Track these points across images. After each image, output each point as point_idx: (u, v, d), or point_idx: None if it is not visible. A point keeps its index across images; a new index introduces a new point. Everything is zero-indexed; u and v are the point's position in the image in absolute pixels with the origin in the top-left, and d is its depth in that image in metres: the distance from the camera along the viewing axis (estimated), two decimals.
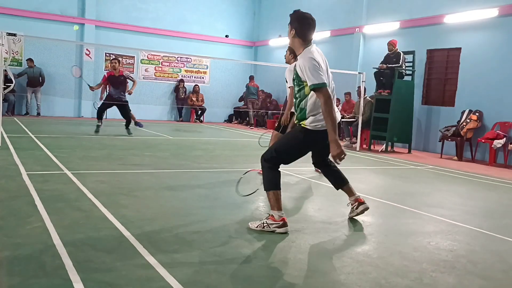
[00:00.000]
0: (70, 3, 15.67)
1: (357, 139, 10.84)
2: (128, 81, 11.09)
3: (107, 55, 16.49)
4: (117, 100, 10.77)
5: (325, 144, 3.56)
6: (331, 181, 4.35)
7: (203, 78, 18.38)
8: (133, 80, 11.14)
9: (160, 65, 17.49)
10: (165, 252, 3.00)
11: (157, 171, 6.10)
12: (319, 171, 6.76)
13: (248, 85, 17.40)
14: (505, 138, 9.21)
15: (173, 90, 17.59)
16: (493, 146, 9.18)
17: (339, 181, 4.26)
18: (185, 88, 17.51)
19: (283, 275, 2.74)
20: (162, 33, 17.02)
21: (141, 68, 17.16)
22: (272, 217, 3.62)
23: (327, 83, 3.51)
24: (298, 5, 18.70)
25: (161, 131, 12.46)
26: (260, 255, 3.07)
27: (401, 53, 10.54)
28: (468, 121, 9.90)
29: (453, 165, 8.82)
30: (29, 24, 14.57)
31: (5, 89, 7.97)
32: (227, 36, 18.56)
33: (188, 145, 9.79)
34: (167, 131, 12.49)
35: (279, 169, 3.70)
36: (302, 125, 3.71)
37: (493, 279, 2.94)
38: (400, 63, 10.42)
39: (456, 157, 9.97)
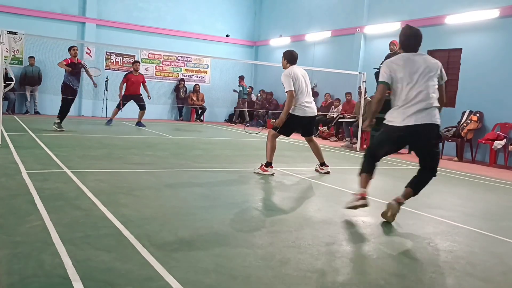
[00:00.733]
0: (71, 1, 15.67)
1: (357, 140, 10.84)
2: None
3: (108, 54, 16.49)
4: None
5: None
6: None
7: (203, 77, 18.39)
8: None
9: (160, 65, 17.49)
10: (164, 251, 3.00)
11: (157, 171, 6.10)
12: (319, 171, 6.77)
13: (240, 85, 17.47)
14: (505, 139, 9.21)
15: (174, 89, 17.59)
16: (493, 147, 9.18)
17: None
18: (186, 87, 17.52)
19: (282, 275, 2.74)
20: (163, 33, 17.02)
21: (142, 67, 17.14)
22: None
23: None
24: (299, 6, 18.81)
25: (161, 130, 12.45)
26: (259, 255, 3.07)
27: None
28: (468, 122, 9.90)
29: (453, 166, 8.82)
30: (30, 22, 14.57)
31: (5, 87, 7.97)
32: (227, 35, 18.55)
33: (188, 144, 9.79)
34: (167, 131, 12.49)
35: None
36: None
37: (492, 281, 2.94)
38: None
39: (456, 158, 9.96)
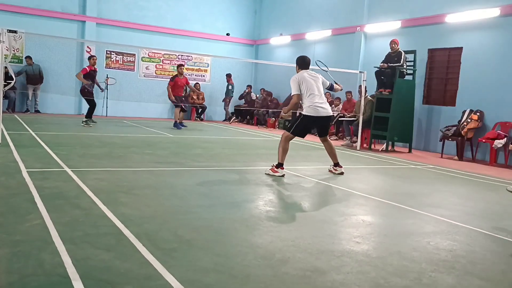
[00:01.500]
0: (71, 0, 15.66)
1: (357, 138, 10.83)
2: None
3: (108, 52, 16.49)
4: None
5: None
6: None
7: (204, 76, 18.38)
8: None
9: (161, 63, 17.48)
10: (164, 250, 3.00)
11: (157, 169, 6.10)
12: (333, 171, 6.72)
13: (228, 83, 17.66)
14: (505, 138, 9.20)
15: None
16: (493, 146, 9.17)
17: None
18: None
19: (282, 274, 2.74)
20: (163, 31, 17.01)
21: (142, 66, 17.16)
22: None
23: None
24: (299, 4, 18.79)
25: (162, 129, 12.45)
26: (259, 254, 3.07)
27: (402, 52, 10.52)
28: (469, 121, 9.89)
29: (453, 165, 8.81)
30: (30, 21, 14.56)
31: (5, 86, 7.97)
32: (228, 34, 18.54)
33: (188, 143, 9.79)
34: (167, 129, 12.49)
35: None
36: None
37: (492, 280, 2.94)
38: (401, 62, 10.41)
39: (456, 157, 9.96)
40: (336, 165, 6.72)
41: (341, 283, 2.68)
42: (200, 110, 17.52)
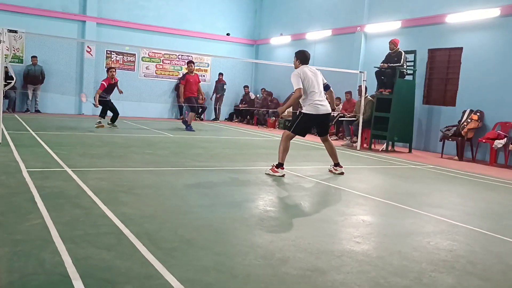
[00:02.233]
0: (71, 0, 15.66)
1: (357, 138, 10.83)
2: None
3: (108, 52, 16.49)
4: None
5: None
6: None
7: (204, 76, 18.37)
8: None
9: (161, 63, 17.48)
10: (164, 249, 3.00)
11: (157, 169, 6.10)
12: (333, 171, 6.71)
13: (218, 83, 17.78)
14: (506, 138, 9.20)
15: (174, 88, 17.58)
16: (494, 146, 9.17)
17: None
18: None
19: (282, 274, 2.74)
20: (163, 31, 17.01)
21: (142, 65, 17.16)
22: None
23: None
24: (299, 4, 18.78)
25: (162, 129, 12.45)
26: (259, 253, 3.07)
27: (403, 53, 10.52)
28: (469, 121, 9.89)
29: (453, 165, 8.81)
30: (30, 21, 14.56)
31: (5, 85, 7.98)
32: (228, 34, 18.54)
33: (188, 143, 9.79)
34: (168, 129, 12.49)
35: None
36: None
37: (492, 280, 2.94)
38: (401, 62, 10.41)
39: (456, 157, 9.96)
40: (336, 165, 6.71)
41: (341, 283, 2.68)
42: (200, 110, 17.51)
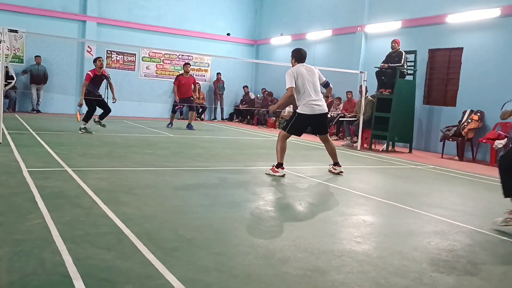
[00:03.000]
0: (71, 0, 15.67)
1: (358, 138, 10.83)
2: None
3: (109, 52, 16.49)
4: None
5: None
6: None
7: (204, 76, 18.38)
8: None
9: (161, 63, 17.48)
10: (164, 249, 3.00)
11: (157, 169, 6.10)
12: (332, 171, 6.68)
13: (216, 82, 17.88)
14: (506, 138, 9.19)
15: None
16: (494, 146, 9.17)
17: None
18: None
19: (282, 274, 2.74)
20: (163, 31, 17.02)
21: (143, 65, 17.16)
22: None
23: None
24: (300, 4, 18.76)
25: (162, 129, 12.45)
26: (260, 253, 3.07)
27: (403, 53, 10.52)
28: (469, 121, 9.88)
29: (454, 165, 8.81)
30: (31, 20, 14.56)
31: (6, 85, 7.98)
32: (228, 34, 18.54)
33: (188, 143, 9.79)
34: (168, 129, 12.49)
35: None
36: None
37: (492, 280, 2.94)
38: (401, 62, 10.41)
39: (457, 157, 9.96)
40: (335, 164, 6.69)
41: (341, 283, 2.68)
42: (200, 110, 17.51)
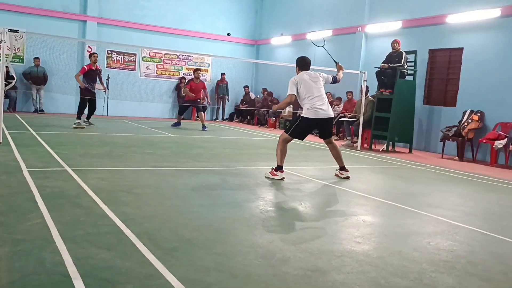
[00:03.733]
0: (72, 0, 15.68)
1: (358, 139, 10.83)
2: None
3: (109, 52, 16.50)
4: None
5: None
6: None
7: (204, 76, 18.37)
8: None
9: (161, 63, 17.48)
10: (164, 249, 3.00)
11: (158, 169, 6.10)
12: (338, 175, 6.55)
13: (220, 82, 17.87)
14: (506, 138, 9.19)
15: (175, 88, 17.59)
16: (494, 146, 9.17)
17: None
18: None
19: (282, 274, 2.74)
20: (164, 31, 17.02)
21: (143, 65, 17.16)
22: None
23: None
24: (300, 4, 18.76)
25: (162, 129, 12.45)
26: (260, 253, 3.07)
27: (403, 53, 10.52)
28: (469, 121, 9.89)
29: (454, 166, 8.81)
30: (31, 20, 14.57)
31: (6, 85, 7.98)
32: (229, 34, 18.54)
33: (188, 143, 9.79)
34: (168, 129, 12.49)
35: None
36: None
37: (493, 280, 2.94)
38: (402, 62, 10.41)
39: (457, 158, 9.96)
40: (342, 168, 6.46)
41: (341, 283, 2.68)
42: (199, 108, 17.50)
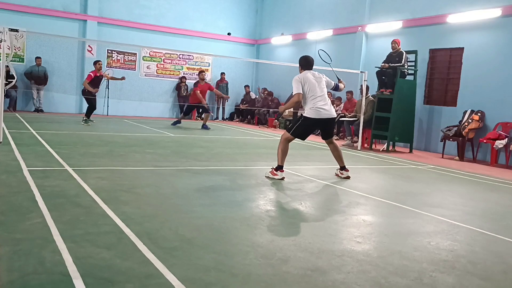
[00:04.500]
0: None
1: (358, 138, 10.83)
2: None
3: (109, 51, 16.50)
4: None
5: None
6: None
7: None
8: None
9: (162, 62, 17.48)
10: (165, 249, 3.00)
11: (158, 168, 6.10)
12: (339, 175, 6.54)
13: (220, 82, 17.83)
14: (506, 138, 9.19)
15: (175, 87, 17.59)
16: (494, 146, 9.17)
17: None
18: (187, 85, 17.51)
19: (283, 273, 2.74)
20: (164, 30, 17.02)
21: (143, 65, 17.16)
22: None
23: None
24: (300, 4, 18.77)
25: (163, 128, 12.45)
26: (260, 253, 3.07)
27: (404, 53, 10.52)
28: (470, 121, 9.88)
29: (454, 165, 8.81)
30: (31, 20, 14.57)
31: (7, 84, 7.98)
32: (229, 33, 18.54)
33: (189, 142, 9.79)
34: (169, 129, 12.49)
35: None
36: None
37: (493, 279, 2.94)
38: (402, 62, 10.40)
39: (457, 157, 9.95)
40: (342, 168, 6.46)
41: (341, 283, 2.68)
42: (201, 109, 17.49)
